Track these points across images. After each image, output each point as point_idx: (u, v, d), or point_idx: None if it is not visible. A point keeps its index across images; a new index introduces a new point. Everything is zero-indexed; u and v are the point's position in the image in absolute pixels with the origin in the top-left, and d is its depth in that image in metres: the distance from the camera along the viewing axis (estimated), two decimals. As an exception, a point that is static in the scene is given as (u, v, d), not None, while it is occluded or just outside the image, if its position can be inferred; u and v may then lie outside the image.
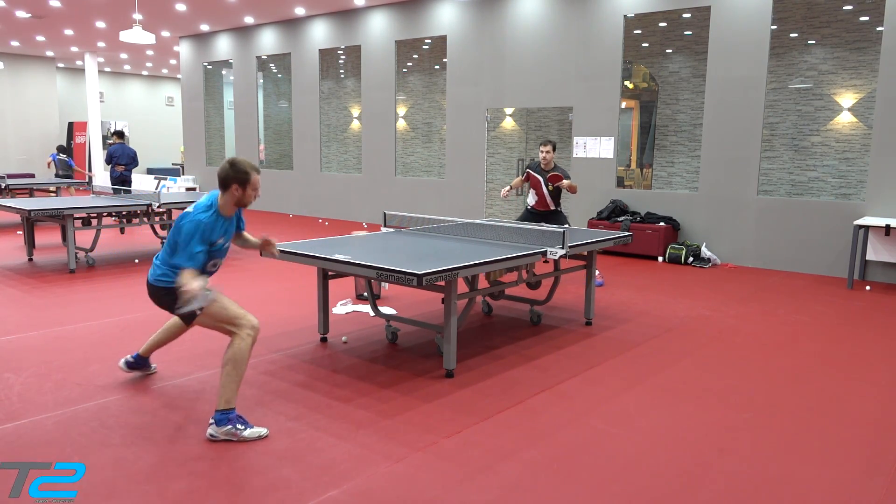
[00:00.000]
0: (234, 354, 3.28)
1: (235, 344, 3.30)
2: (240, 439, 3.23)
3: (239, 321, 3.34)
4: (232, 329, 3.34)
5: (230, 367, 3.28)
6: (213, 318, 3.35)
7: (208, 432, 3.25)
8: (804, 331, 5.53)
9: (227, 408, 3.25)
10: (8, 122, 19.30)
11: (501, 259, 4.32)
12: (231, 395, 3.26)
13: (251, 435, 3.25)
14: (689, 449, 3.27)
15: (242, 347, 3.30)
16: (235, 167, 3.38)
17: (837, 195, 8.60)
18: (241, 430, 3.24)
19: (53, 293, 6.33)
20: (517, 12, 10.29)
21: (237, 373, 3.28)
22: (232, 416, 3.25)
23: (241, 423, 3.27)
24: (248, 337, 3.32)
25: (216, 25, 14.51)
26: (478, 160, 11.01)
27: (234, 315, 3.35)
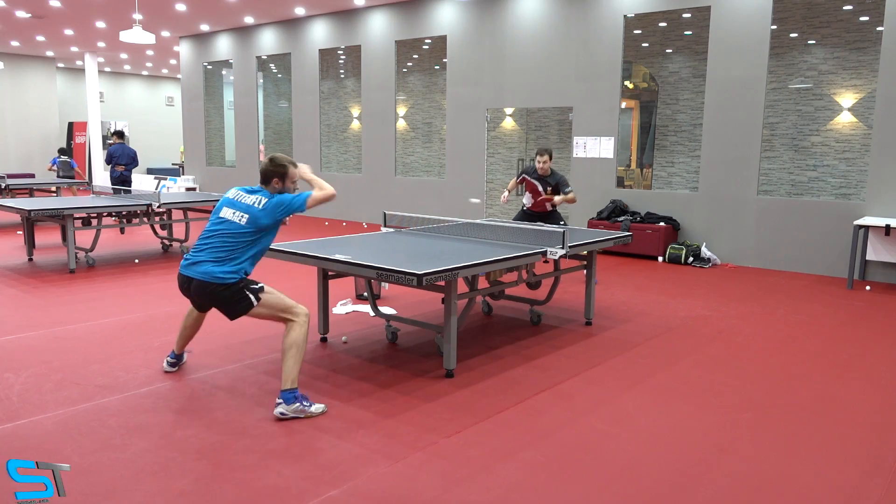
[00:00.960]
0: (295, 339, 3.57)
1: (296, 330, 3.59)
2: (307, 415, 3.50)
3: (295, 309, 3.65)
4: (289, 317, 3.63)
5: (294, 350, 3.55)
6: (271, 308, 3.64)
7: (278, 411, 3.47)
8: (804, 331, 5.53)
9: (293, 387, 3.51)
10: (8, 122, 19.30)
11: (501, 259, 4.32)
12: (295, 375, 3.52)
13: (316, 410, 3.55)
14: (689, 449, 3.27)
15: (302, 333, 3.60)
16: (275, 161, 3.76)
17: (837, 195, 8.60)
18: (308, 406, 3.51)
19: (53, 293, 6.33)
20: (517, 12, 10.28)
21: (300, 355, 3.57)
22: (298, 395, 3.51)
23: (306, 400, 3.54)
24: (305, 323, 3.63)
25: (216, 25, 14.51)
26: (478, 160, 11.01)
27: (292, 304, 3.67)
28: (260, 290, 3.64)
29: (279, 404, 3.49)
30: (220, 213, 3.75)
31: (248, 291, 3.60)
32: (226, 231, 3.64)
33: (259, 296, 3.61)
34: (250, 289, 3.62)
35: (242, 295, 3.58)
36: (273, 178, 3.75)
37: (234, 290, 3.58)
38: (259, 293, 3.62)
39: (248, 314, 3.62)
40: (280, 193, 3.76)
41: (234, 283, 3.58)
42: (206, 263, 3.58)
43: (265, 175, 3.77)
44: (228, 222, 3.66)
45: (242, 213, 3.66)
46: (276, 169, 3.75)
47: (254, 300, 3.60)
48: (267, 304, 3.63)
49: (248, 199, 3.71)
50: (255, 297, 3.60)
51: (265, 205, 3.66)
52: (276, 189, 3.76)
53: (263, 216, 3.65)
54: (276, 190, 3.76)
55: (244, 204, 3.70)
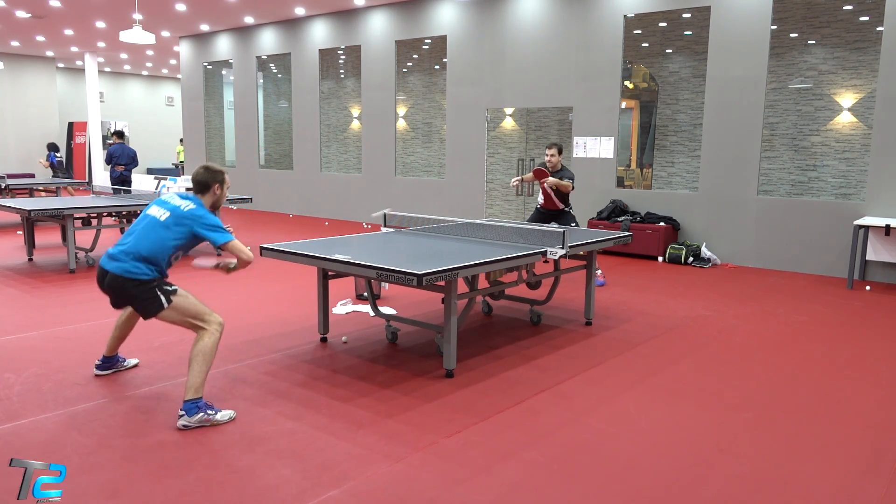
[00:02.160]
0: (202, 347, 3.44)
1: (206, 338, 3.46)
2: (213, 423, 3.38)
3: (207, 317, 3.52)
4: (200, 324, 3.50)
5: (200, 358, 3.42)
6: (182, 313, 3.50)
7: (180, 423, 3.34)
8: (804, 331, 5.53)
9: (195, 397, 3.39)
10: (8, 122, 19.30)
11: (501, 259, 4.32)
12: (199, 384, 3.40)
13: (223, 417, 3.43)
14: (689, 449, 3.27)
15: (211, 342, 3.47)
16: (211, 169, 3.70)
17: (837, 195, 8.60)
18: (213, 415, 3.40)
19: (53, 293, 6.33)
20: (517, 12, 10.28)
21: (206, 365, 3.44)
22: (201, 404, 3.39)
23: (210, 408, 3.42)
24: (216, 332, 3.50)
25: (216, 25, 14.51)
26: (478, 160, 11.01)
27: (204, 311, 3.53)
28: (173, 293, 3.49)
29: (181, 416, 3.35)
30: (147, 210, 3.66)
31: (160, 292, 3.47)
32: (146, 227, 3.54)
33: (171, 298, 3.47)
34: (162, 289, 3.48)
35: (153, 294, 3.45)
36: (213, 185, 3.68)
37: (145, 287, 3.44)
38: (171, 295, 3.48)
39: (158, 317, 3.49)
40: (215, 205, 3.72)
41: (147, 282, 3.45)
42: (123, 259, 3.46)
43: (204, 183, 3.66)
44: (151, 218, 3.57)
45: (166, 211, 3.56)
46: (214, 176, 3.68)
47: (164, 301, 3.45)
48: (178, 307, 3.48)
49: (176, 201, 3.60)
50: (167, 299, 3.46)
51: (190, 210, 3.55)
52: (216, 196, 3.70)
53: (184, 219, 3.52)
54: (214, 197, 3.69)
55: (171, 204, 3.59)
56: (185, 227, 3.52)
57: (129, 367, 4.24)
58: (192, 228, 3.53)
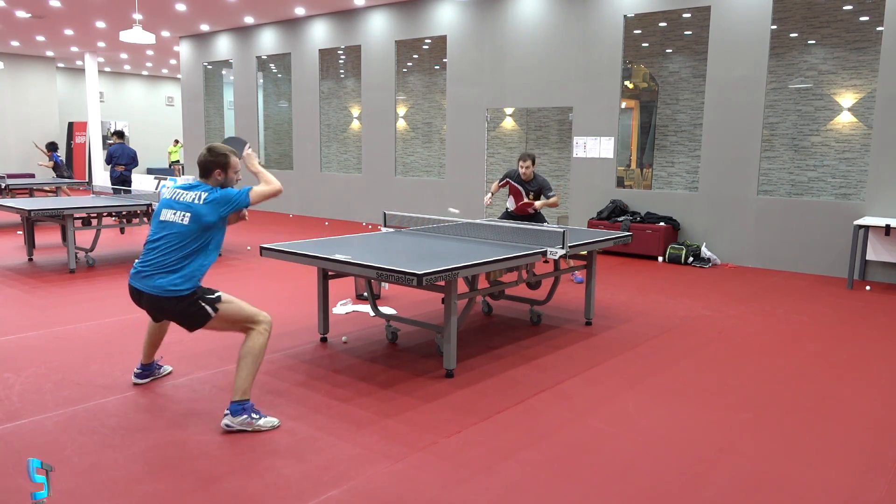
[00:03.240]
0: (252, 348, 3.35)
1: (254, 338, 3.37)
2: (254, 429, 3.30)
3: (257, 317, 3.42)
4: (251, 326, 3.40)
5: (249, 359, 3.33)
6: (230, 320, 3.39)
7: (224, 422, 3.29)
8: (804, 331, 5.53)
9: (243, 398, 3.31)
10: (8, 122, 19.30)
11: (501, 259, 4.32)
12: (247, 386, 3.33)
13: (266, 424, 3.33)
14: (690, 449, 3.27)
15: (261, 342, 3.37)
16: (214, 152, 3.48)
17: (837, 195, 8.60)
18: (256, 420, 3.31)
19: (53, 293, 6.33)
20: (517, 12, 10.28)
21: (255, 366, 3.35)
22: (247, 406, 3.31)
23: (255, 412, 3.34)
24: (265, 332, 3.41)
25: (216, 25, 14.51)
26: (478, 160, 11.00)
27: (253, 312, 3.43)
28: (217, 301, 3.34)
29: (226, 415, 3.30)
30: (160, 216, 3.42)
31: (204, 303, 3.31)
32: (169, 236, 3.33)
33: (216, 306, 3.33)
34: (206, 299, 3.32)
35: (198, 307, 3.30)
36: (215, 170, 3.46)
37: (187, 302, 3.28)
38: (216, 303, 3.33)
39: (206, 327, 3.37)
40: (222, 187, 3.48)
41: (188, 296, 3.29)
42: (155, 276, 3.28)
43: (205, 167, 3.46)
44: (171, 224, 3.35)
45: (184, 212, 3.35)
46: (216, 159, 3.46)
47: (210, 311, 3.31)
48: (225, 314, 3.35)
49: (187, 197, 3.39)
50: (212, 308, 3.32)
51: (206, 199, 3.36)
52: (219, 181, 3.47)
53: (207, 212, 3.34)
54: (218, 182, 3.47)
55: (184, 202, 3.38)
56: (210, 220, 3.35)
57: (164, 375, 4.08)
58: (219, 215, 3.38)
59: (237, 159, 3.55)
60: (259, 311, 3.45)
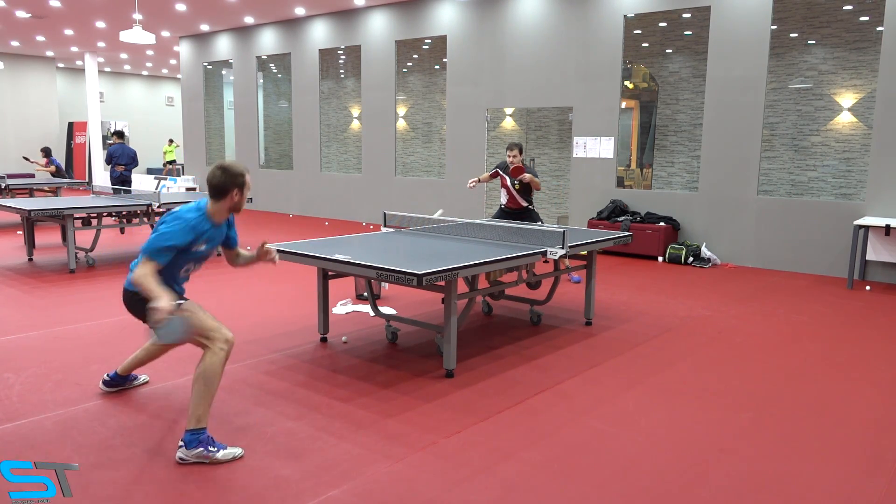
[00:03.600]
0: (205, 370, 3.03)
1: (207, 359, 3.06)
2: (212, 461, 2.99)
3: (212, 333, 3.10)
4: (204, 342, 3.10)
5: (201, 383, 3.02)
6: None
7: (177, 455, 3.00)
8: (804, 331, 5.53)
9: (197, 427, 3.01)
10: (8, 122, 19.31)
11: (501, 259, 4.32)
12: (203, 413, 3.03)
13: (224, 457, 3.02)
14: (690, 449, 3.27)
15: (215, 362, 3.06)
16: (229, 171, 3.20)
17: (837, 195, 8.60)
18: (214, 452, 3.00)
19: (53, 293, 6.33)
20: (517, 12, 10.28)
21: (209, 390, 3.04)
22: (203, 438, 3.01)
23: (212, 444, 3.02)
24: (221, 351, 3.09)
25: (216, 25, 14.51)
26: (478, 160, 11.01)
27: (209, 327, 3.12)
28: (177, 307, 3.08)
29: (180, 447, 3.00)
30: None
31: None
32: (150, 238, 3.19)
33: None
34: None
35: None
36: (233, 190, 3.21)
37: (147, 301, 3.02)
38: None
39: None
40: (235, 208, 3.28)
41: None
42: (131, 272, 3.20)
43: (220, 188, 3.19)
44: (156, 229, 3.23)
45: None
46: (234, 179, 3.20)
47: None
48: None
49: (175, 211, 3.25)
50: None
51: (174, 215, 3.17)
52: (234, 201, 3.25)
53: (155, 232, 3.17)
54: (232, 203, 3.25)
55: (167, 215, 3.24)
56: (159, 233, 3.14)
57: (139, 384, 3.96)
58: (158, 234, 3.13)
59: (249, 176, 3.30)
60: (220, 326, 3.15)
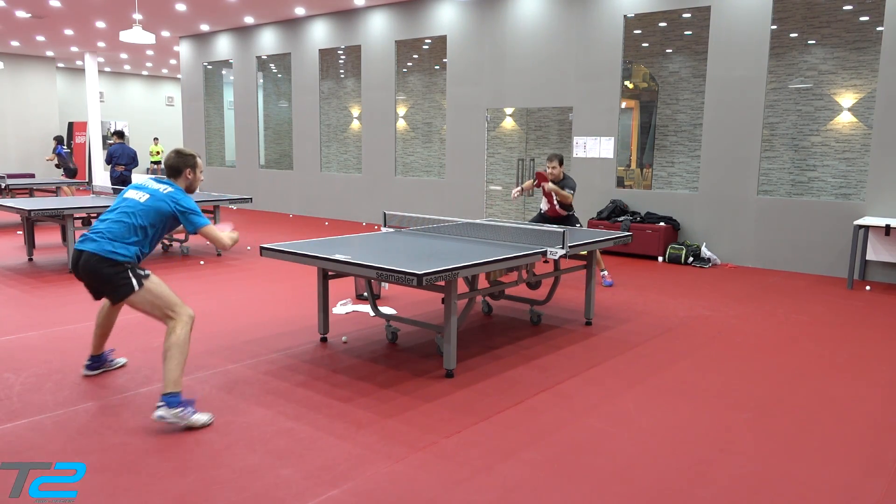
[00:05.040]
0: (178, 339, 3.41)
1: (179, 330, 3.43)
2: (187, 423, 3.33)
3: (178, 308, 3.49)
4: (170, 314, 3.47)
5: (174, 350, 3.39)
6: (153, 299, 3.47)
7: (157, 414, 3.32)
8: (804, 331, 5.53)
9: (175, 390, 3.36)
10: (8, 122, 19.30)
11: (501, 259, 4.32)
12: (177, 377, 3.37)
13: (199, 420, 3.37)
14: (690, 448, 3.27)
15: (184, 333, 3.44)
16: (182, 154, 3.75)
17: (837, 195, 8.60)
18: (190, 414, 3.35)
19: (53, 293, 6.33)
20: (517, 12, 10.28)
21: (182, 356, 3.41)
22: (182, 400, 3.37)
23: (189, 406, 3.38)
24: (188, 324, 3.47)
25: (216, 25, 14.51)
26: (478, 160, 11.01)
27: (175, 302, 3.51)
28: (145, 277, 3.49)
29: (160, 407, 3.34)
30: (123, 194, 3.69)
31: (132, 274, 3.46)
32: (125, 209, 3.56)
33: (142, 282, 3.46)
34: (135, 273, 3.48)
35: (125, 276, 3.43)
36: (185, 169, 3.74)
37: (118, 269, 3.43)
38: (143, 279, 3.47)
39: (128, 302, 3.48)
40: (190, 189, 3.79)
41: (121, 263, 3.44)
42: (101, 240, 3.47)
43: (176, 167, 3.74)
44: (129, 200, 3.60)
45: (145, 193, 3.61)
46: (186, 160, 3.74)
47: (135, 285, 3.44)
48: (150, 292, 3.46)
49: (153, 185, 3.67)
50: (138, 283, 3.45)
51: (169, 192, 3.61)
52: (188, 180, 3.76)
53: (165, 199, 3.58)
54: (187, 181, 3.76)
55: (149, 188, 3.64)
56: (164, 209, 3.57)
57: (117, 367, 4.22)
58: (172, 210, 3.58)
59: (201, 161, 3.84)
60: (183, 304, 3.54)
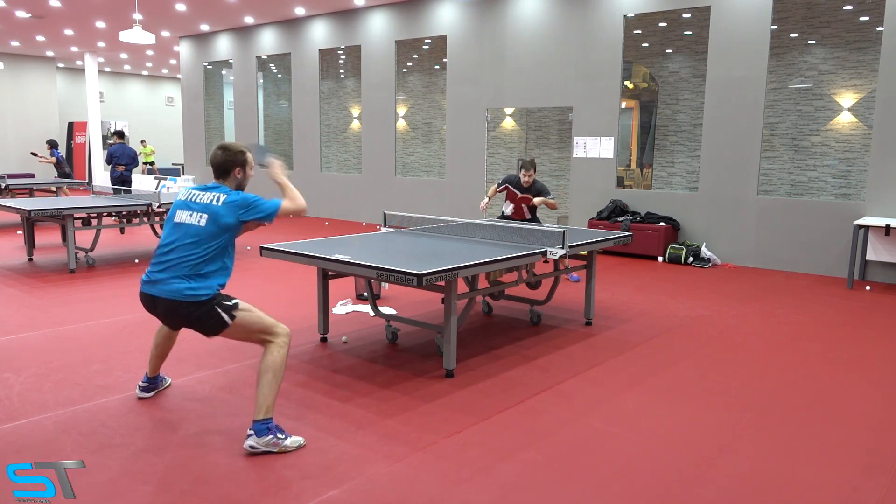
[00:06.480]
0: (273, 363, 3.17)
1: (275, 352, 3.19)
2: (280, 449, 3.10)
3: (275, 329, 3.25)
4: (267, 338, 3.23)
5: (270, 375, 3.15)
6: (247, 329, 3.23)
7: (247, 444, 3.08)
8: (804, 331, 5.53)
9: (266, 416, 3.12)
10: (8, 122, 19.30)
11: (501, 259, 4.32)
12: (270, 403, 3.14)
13: (292, 444, 3.14)
14: (690, 448, 3.27)
15: (281, 356, 3.20)
16: (230, 150, 3.35)
17: (837, 195, 8.60)
18: (283, 440, 3.12)
19: (53, 293, 6.33)
20: (517, 12, 10.28)
21: (277, 382, 3.16)
22: (272, 426, 3.12)
23: (280, 432, 3.15)
24: (285, 345, 3.24)
25: (216, 25, 14.51)
26: (478, 160, 11.00)
27: (271, 324, 3.26)
28: (234, 308, 3.20)
29: (250, 436, 3.09)
30: (174, 219, 3.27)
31: (221, 310, 3.16)
32: (187, 238, 3.18)
33: (233, 313, 3.18)
34: (223, 306, 3.17)
35: (214, 314, 3.15)
36: (234, 168, 3.35)
37: (205, 308, 3.14)
38: (233, 311, 3.18)
39: (222, 335, 3.22)
40: (239, 186, 3.40)
41: (205, 302, 3.14)
42: (171, 280, 3.15)
43: (223, 166, 3.33)
44: (186, 227, 3.20)
45: (200, 213, 3.21)
46: (234, 157, 3.34)
47: (227, 319, 3.16)
48: (242, 323, 3.20)
49: (204, 198, 3.25)
50: (229, 316, 3.17)
51: (226, 201, 3.22)
52: (238, 179, 3.38)
53: (226, 213, 3.20)
54: (237, 181, 3.38)
55: (201, 203, 3.23)
56: (229, 223, 3.21)
57: (166, 387, 3.93)
58: (238, 220, 3.23)
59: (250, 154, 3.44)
60: (277, 322, 3.28)
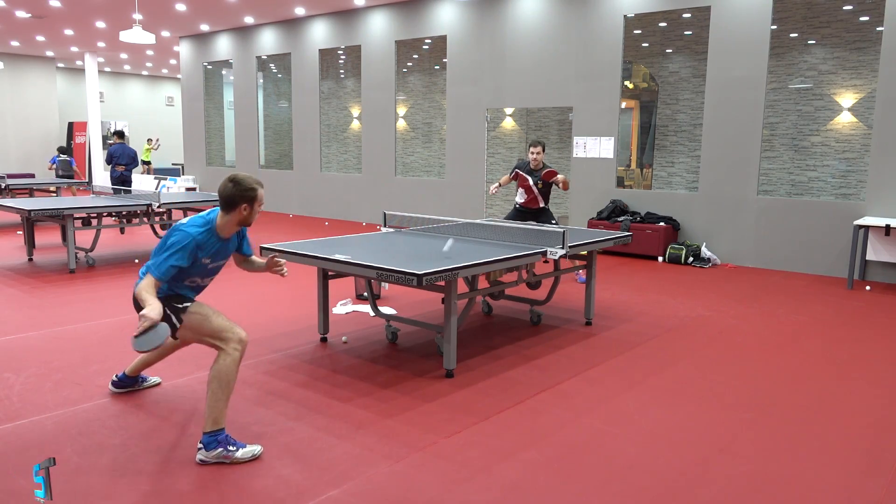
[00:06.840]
0: (219, 371, 3.03)
1: (221, 360, 3.05)
2: (233, 461, 2.99)
3: (224, 334, 3.09)
4: (217, 343, 3.09)
5: (215, 385, 3.02)
6: (196, 332, 3.14)
7: (197, 457, 3.00)
8: (804, 331, 5.53)
9: (215, 429, 3.00)
10: (8, 122, 19.29)
11: (501, 259, 4.32)
12: (219, 414, 3.01)
13: (244, 455, 3.02)
14: (689, 449, 3.27)
15: (229, 363, 3.05)
16: (241, 185, 3.13)
17: (837, 195, 8.60)
18: (234, 451, 3.00)
19: (53, 293, 6.33)
20: (517, 12, 10.28)
21: (224, 391, 3.03)
22: (221, 438, 3.00)
23: (231, 443, 3.02)
24: (235, 352, 3.07)
25: (216, 25, 14.51)
26: (478, 160, 11.01)
27: (220, 328, 3.10)
28: (183, 311, 3.12)
29: (199, 449, 2.99)
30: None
31: (170, 311, 3.09)
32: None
33: (181, 316, 3.11)
34: (172, 307, 3.11)
35: (165, 315, 3.02)
36: (241, 204, 3.15)
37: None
38: (181, 314, 3.11)
39: (178, 338, 3.19)
40: (244, 224, 3.24)
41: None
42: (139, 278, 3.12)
43: (230, 200, 3.13)
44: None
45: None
46: (243, 193, 3.13)
47: (175, 321, 3.09)
48: (190, 326, 3.11)
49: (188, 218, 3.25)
50: (177, 318, 3.10)
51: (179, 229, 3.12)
52: (243, 216, 3.19)
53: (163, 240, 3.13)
54: (241, 217, 3.19)
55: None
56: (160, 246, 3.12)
57: (151, 386, 3.91)
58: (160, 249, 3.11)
59: (263, 191, 3.23)
60: (232, 326, 3.13)
